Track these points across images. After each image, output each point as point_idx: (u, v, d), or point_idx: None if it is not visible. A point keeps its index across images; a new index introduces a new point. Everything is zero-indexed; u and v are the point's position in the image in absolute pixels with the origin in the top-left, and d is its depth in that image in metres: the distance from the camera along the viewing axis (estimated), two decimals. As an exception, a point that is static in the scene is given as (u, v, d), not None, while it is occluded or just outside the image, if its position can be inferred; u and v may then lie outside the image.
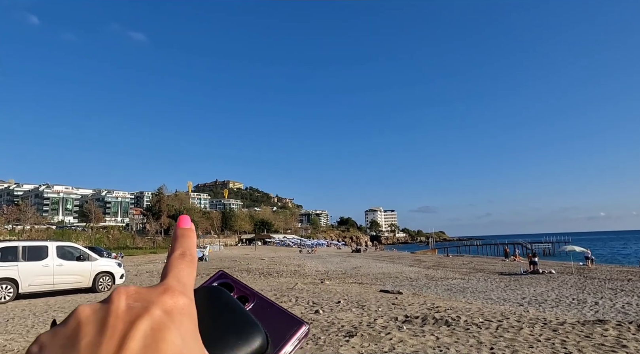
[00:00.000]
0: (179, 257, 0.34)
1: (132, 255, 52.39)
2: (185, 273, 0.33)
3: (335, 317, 7.61)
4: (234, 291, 0.41)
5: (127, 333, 0.24)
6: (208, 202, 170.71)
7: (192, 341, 0.27)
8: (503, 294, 15.76)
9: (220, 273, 0.44)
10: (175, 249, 0.35)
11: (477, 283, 19.88)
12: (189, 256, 0.35)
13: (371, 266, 32.83)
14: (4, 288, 12.16)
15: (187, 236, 0.36)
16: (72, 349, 0.24)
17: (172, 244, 0.36)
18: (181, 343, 0.26)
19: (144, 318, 0.26)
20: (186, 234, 0.37)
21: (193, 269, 0.34)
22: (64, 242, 14.34)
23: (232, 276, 0.43)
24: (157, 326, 0.25)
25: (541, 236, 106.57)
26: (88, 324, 0.25)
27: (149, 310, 0.26)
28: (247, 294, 0.41)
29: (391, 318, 7.44)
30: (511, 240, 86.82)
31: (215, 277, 0.43)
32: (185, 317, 0.28)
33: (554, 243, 73.90)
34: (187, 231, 0.37)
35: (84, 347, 0.24)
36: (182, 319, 0.28)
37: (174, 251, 0.35)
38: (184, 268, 0.33)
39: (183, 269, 0.33)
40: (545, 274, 23.95)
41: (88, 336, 0.24)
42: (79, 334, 0.25)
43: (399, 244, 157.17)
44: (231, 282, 0.42)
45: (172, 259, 0.34)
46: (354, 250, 73.19)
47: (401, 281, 20.76)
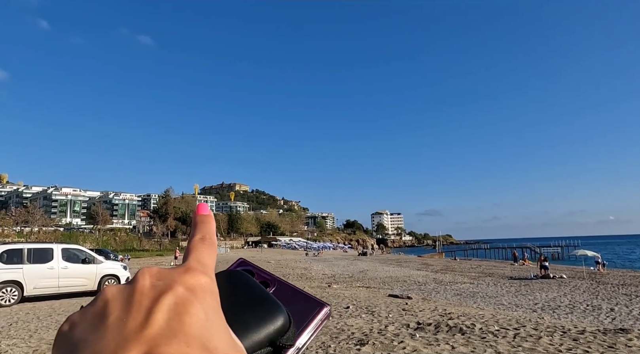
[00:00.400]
0: (199, 241, 0.35)
1: (139, 257, 52.50)
2: (205, 254, 0.33)
3: (345, 323, 7.37)
4: (254, 277, 0.42)
5: (153, 308, 0.25)
6: (214, 205, 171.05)
7: (215, 317, 0.28)
8: (514, 299, 15.43)
9: (241, 260, 0.45)
10: (195, 234, 0.36)
11: (486, 288, 19.54)
12: (209, 240, 0.35)
13: (378, 269, 32.53)
14: (9, 290, 12.05)
15: (206, 222, 0.37)
16: (101, 324, 0.25)
17: (192, 230, 0.37)
18: (204, 317, 0.26)
19: (168, 294, 0.26)
20: (205, 220, 0.37)
21: (213, 252, 0.34)
22: (69, 245, 14.24)
23: (252, 263, 0.45)
24: (181, 301, 0.26)
25: (549, 240, 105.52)
26: (115, 302, 0.26)
27: (173, 287, 0.27)
28: (267, 279, 0.43)
29: (402, 325, 7.19)
30: (519, 244, 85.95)
31: (236, 264, 0.44)
32: (208, 294, 0.29)
33: (563, 247, 73.10)
34: (206, 218, 0.38)
35: (112, 322, 0.25)
36: (204, 296, 0.28)
37: (194, 236, 0.35)
38: (204, 250, 0.34)
39: (203, 251, 0.33)
40: (556, 279, 23.53)
41: (115, 312, 0.25)
42: (106, 311, 0.26)
43: (406, 248, 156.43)
44: (252, 268, 0.44)
45: (192, 243, 0.34)
46: (361, 253, 72.88)
47: (409, 285, 20.46)
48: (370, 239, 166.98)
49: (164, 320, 0.24)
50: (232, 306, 0.34)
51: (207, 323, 0.26)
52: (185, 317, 0.25)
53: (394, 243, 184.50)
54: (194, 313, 0.26)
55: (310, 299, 0.40)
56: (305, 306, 0.39)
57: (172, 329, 0.24)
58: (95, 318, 0.26)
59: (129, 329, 0.24)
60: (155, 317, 0.24)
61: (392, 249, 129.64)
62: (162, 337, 0.23)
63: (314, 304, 0.39)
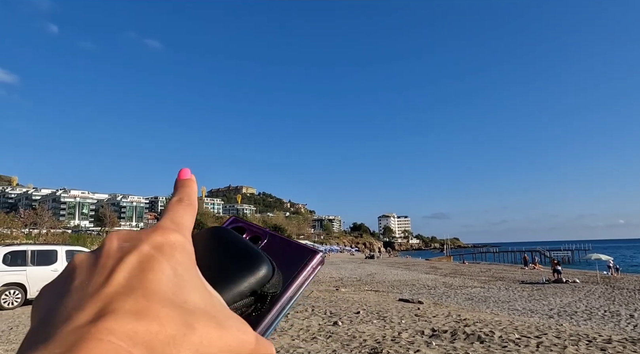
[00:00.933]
0: (175, 202, 0.34)
1: (146, 259, 52.42)
2: (179, 214, 0.33)
3: (356, 329, 7.03)
4: (245, 233, 0.42)
5: (115, 268, 0.25)
6: (221, 208, 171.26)
7: (185, 272, 0.28)
8: (528, 304, 15.00)
9: (233, 218, 0.45)
10: (173, 196, 0.36)
11: (498, 292, 19.10)
12: (186, 201, 0.35)
13: (386, 273, 32.14)
14: (12, 293, 11.82)
15: (185, 186, 0.37)
16: (65, 290, 0.25)
17: (172, 194, 0.37)
18: (171, 273, 0.26)
19: (132, 253, 0.26)
20: (185, 184, 0.37)
21: (190, 212, 0.34)
22: (73, 247, 13.99)
23: (244, 220, 0.44)
24: (145, 258, 0.26)
25: (558, 244, 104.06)
26: (81, 267, 0.27)
27: (138, 247, 0.27)
28: (259, 233, 0.43)
29: (417, 332, 6.85)
30: (528, 247, 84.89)
31: (228, 222, 0.44)
32: (178, 251, 0.28)
33: (574, 251, 71.97)
34: (186, 181, 0.37)
35: (75, 286, 0.25)
36: (172, 252, 0.28)
37: (172, 198, 0.35)
38: (178, 210, 0.33)
39: (177, 211, 0.33)
40: (569, 284, 23.01)
41: (80, 277, 0.26)
42: (72, 276, 0.26)
43: (413, 251, 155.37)
44: (243, 225, 0.44)
45: (168, 205, 0.34)
46: (368, 256, 72.39)
47: (419, 289, 20.07)
48: (377, 242, 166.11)
49: (124, 278, 0.24)
50: (212, 261, 0.34)
51: (175, 279, 0.26)
52: (147, 274, 0.25)
53: (401, 246, 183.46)
54: (158, 269, 0.26)
55: (303, 247, 0.41)
56: (298, 255, 0.39)
57: (131, 286, 0.24)
58: (61, 284, 0.26)
59: (89, 290, 0.24)
60: (115, 276, 0.24)
61: (399, 252, 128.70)
62: (119, 294, 0.23)
63: (306, 252, 0.40)
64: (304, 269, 0.38)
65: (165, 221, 0.31)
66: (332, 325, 7.48)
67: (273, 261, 0.35)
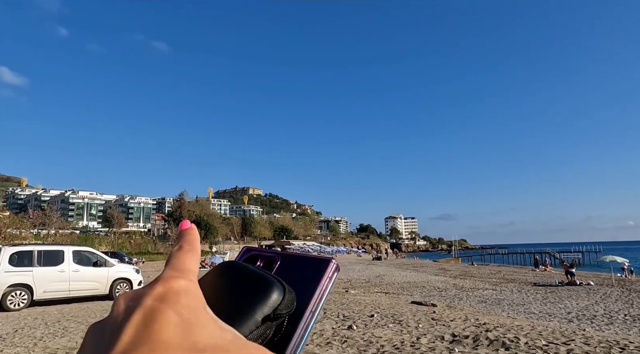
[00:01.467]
0: (176, 250, 0.36)
1: (154, 260, 52.50)
2: (181, 260, 0.34)
3: (372, 334, 6.72)
4: (258, 260, 0.44)
5: (121, 330, 0.25)
6: (228, 209, 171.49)
7: (192, 314, 0.28)
8: (544, 307, 14.57)
9: (245, 248, 0.46)
10: (175, 245, 0.37)
11: (511, 295, 18.66)
12: (187, 247, 0.36)
13: (395, 274, 31.75)
14: (18, 294, 11.62)
15: (185, 234, 0.38)
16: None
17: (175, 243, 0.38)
18: (177, 319, 0.26)
19: (137, 311, 0.26)
20: (184, 233, 0.39)
21: (192, 256, 0.35)
22: (80, 247, 13.80)
23: (256, 248, 0.46)
24: (149, 313, 0.26)
25: (567, 245, 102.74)
26: (92, 336, 0.27)
27: (142, 303, 0.27)
28: (271, 257, 0.44)
29: (436, 337, 6.52)
30: (538, 249, 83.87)
31: (241, 254, 0.46)
32: (182, 296, 0.29)
33: (584, 253, 70.97)
34: (185, 231, 0.39)
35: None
36: (177, 298, 0.28)
37: (173, 247, 0.37)
38: (180, 256, 0.34)
39: (179, 258, 0.34)
40: (583, 286, 22.48)
41: (90, 346, 0.26)
42: (84, 347, 0.26)
43: (420, 252, 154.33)
44: (255, 253, 0.45)
45: (170, 254, 0.35)
46: (375, 257, 71.93)
47: (429, 291, 19.69)
48: (384, 243, 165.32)
49: (130, 337, 0.24)
50: (224, 297, 0.34)
51: (182, 323, 0.26)
52: (152, 326, 0.25)
53: (408, 248, 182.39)
54: (162, 319, 0.26)
55: (315, 259, 0.42)
56: (313, 267, 0.40)
57: (137, 343, 0.24)
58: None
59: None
60: (122, 338, 0.24)
61: (406, 253, 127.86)
62: (124, 352, 0.23)
63: (320, 262, 0.41)
64: (321, 280, 0.39)
65: (167, 271, 0.32)
66: (346, 329, 7.17)
67: (283, 282, 0.36)
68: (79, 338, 7.29)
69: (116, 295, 13.61)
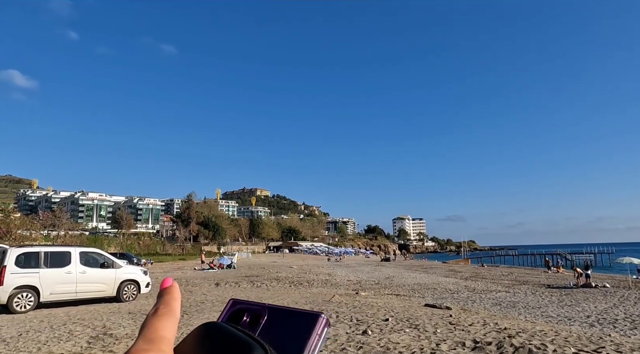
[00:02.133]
0: (151, 315, 0.35)
1: (162, 261, 52.46)
2: (153, 328, 0.33)
3: (389, 340, 6.39)
4: (245, 314, 0.42)
5: None
6: (236, 210, 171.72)
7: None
8: (561, 310, 14.12)
9: (231, 301, 0.45)
10: (152, 309, 0.36)
11: (525, 297, 18.20)
12: (163, 309, 0.35)
13: (404, 275, 31.32)
14: (25, 296, 11.41)
15: (165, 294, 0.38)
16: None
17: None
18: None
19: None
20: (165, 292, 0.38)
21: (167, 320, 0.34)
22: (87, 248, 13.60)
23: (243, 301, 0.45)
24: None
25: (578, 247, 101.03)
26: None
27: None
28: (258, 311, 0.42)
29: (456, 343, 6.18)
30: (548, 250, 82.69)
31: (227, 308, 0.44)
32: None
33: (596, 254, 69.74)
34: (165, 290, 0.39)
35: None
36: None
37: (150, 312, 0.36)
38: (154, 324, 0.33)
39: (152, 324, 0.33)
40: (599, 288, 21.91)
41: None
42: None
43: (428, 253, 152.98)
44: (242, 307, 0.44)
45: (145, 320, 0.34)
46: (383, 259, 71.37)
47: (441, 294, 19.28)
48: (392, 244, 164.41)
49: None
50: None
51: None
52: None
53: (416, 249, 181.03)
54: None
55: (302, 314, 0.40)
56: (301, 322, 0.39)
57: None
58: None
59: None
60: None
61: (414, 254, 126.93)
62: None
63: (307, 318, 0.39)
64: (309, 338, 0.37)
65: (139, 344, 0.30)
66: (361, 334, 6.85)
67: (267, 346, 0.34)
68: (84, 342, 7.06)
69: (124, 297, 13.45)
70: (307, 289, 19.54)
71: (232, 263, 37.11)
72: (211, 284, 21.38)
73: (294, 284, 22.28)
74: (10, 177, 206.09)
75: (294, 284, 21.94)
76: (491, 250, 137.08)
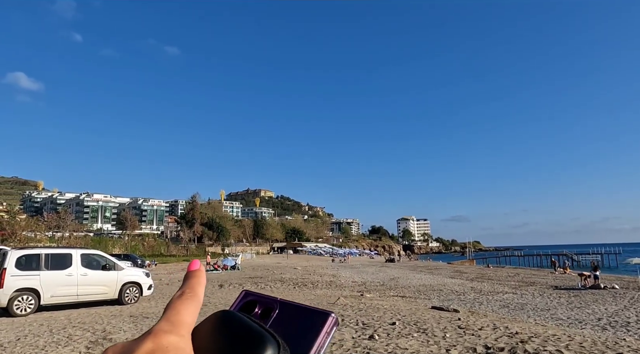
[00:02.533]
0: (177, 297, 0.35)
1: (166, 262, 52.42)
2: (177, 310, 0.33)
3: (397, 346, 6.17)
4: (257, 306, 0.43)
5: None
6: (240, 211, 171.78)
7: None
8: (571, 313, 13.81)
9: (244, 292, 0.46)
10: (178, 290, 0.37)
11: (533, 299, 17.87)
12: (188, 294, 0.35)
13: (409, 277, 31.01)
14: (25, 299, 11.25)
15: (192, 277, 0.38)
16: None
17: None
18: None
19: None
20: (191, 275, 0.38)
21: (191, 305, 0.34)
22: (89, 250, 13.44)
23: (255, 293, 0.45)
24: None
25: (584, 247, 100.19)
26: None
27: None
28: (270, 304, 0.43)
29: (467, 349, 5.94)
30: (554, 251, 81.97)
31: (240, 298, 0.45)
32: (171, 353, 0.28)
33: (603, 254, 69.03)
34: (192, 273, 0.39)
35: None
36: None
37: (175, 294, 0.36)
38: (177, 306, 0.34)
39: (176, 307, 0.33)
40: (608, 290, 21.54)
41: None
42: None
43: (433, 254, 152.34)
44: (254, 298, 0.44)
45: (170, 301, 0.35)
46: (388, 260, 70.96)
47: (447, 295, 19.00)
48: (396, 245, 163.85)
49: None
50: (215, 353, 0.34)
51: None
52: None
53: (421, 249, 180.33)
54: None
55: (313, 311, 0.41)
56: (311, 320, 0.40)
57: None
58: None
59: None
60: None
61: (418, 255, 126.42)
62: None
63: (318, 315, 0.40)
64: (319, 335, 0.38)
65: (161, 324, 0.31)
66: (367, 339, 6.62)
67: (279, 338, 0.35)
68: (83, 347, 6.88)
69: (126, 299, 13.28)
70: (311, 290, 19.33)
71: (236, 264, 36.96)
72: (215, 286, 21.20)
73: (298, 285, 22.07)
74: (16, 179, 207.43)
75: (298, 286, 21.73)
76: (496, 251, 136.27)
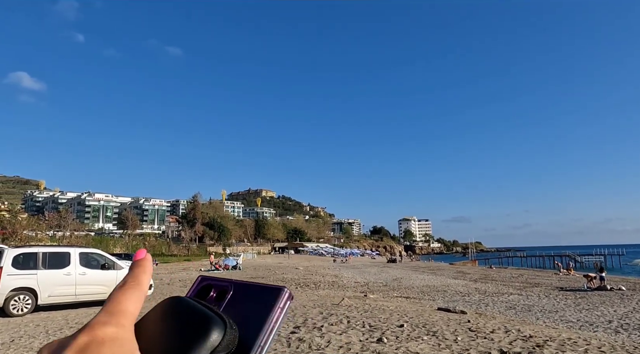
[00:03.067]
0: (118, 288, 0.34)
1: (167, 262, 52.14)
2: (118, 301, 0.32)
3: (407, 349, 5.88)
4: (212, 290, 0.43)
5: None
6: (241, 211, 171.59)
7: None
8: (579, 315, 13.51)
9: (200, 278, 0.46)
10: (121, 281, 0.35)
11: (540, 300, 17.56)
12: (131, 283, 0.34)
13: (412, 277, 30.71)
14: (22, 299, 10.95)
15: (136, 266, 0.37)
16: None
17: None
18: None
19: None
20: (136, 264, 0.37)
21: (133, 294, 0.33)
22: (87, 249, 13.13)
23: (211, 277, 0.45)
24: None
25: (586, 248, 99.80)
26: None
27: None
28: (225, 287, 0.43)
29: (481, 353, 5.65)
30: (556, 252, 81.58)
31: (196, 284, 0.45)
32: (107, 346, 0.27)
33: (607, 256, 68.63)
34: (137, 262, 0.37)
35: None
36: (100, 349, 0.27)
37: (118, 284, 0.35)
38: (118, 297, 0.33)
39: (117, 297, 0.32)
40: (614, 291, 21.21)
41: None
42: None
43: (434, 255, 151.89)
44: (209, 283, 0.44)
45: (111, 293, 0.34)
46: (389, 260, 70.63)
47: (452, 296, 18.70)
48: (397, 245, 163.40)
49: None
50: (163, 339, 0.33)
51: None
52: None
53: (422, 250, 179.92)
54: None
55: (266, 288, 0.41)
56: (265, 297, 0.40)
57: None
58: None
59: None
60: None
61: (420, 256, 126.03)
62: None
63: (271, 292, 0.40)
64: (271, 311, 0.38)
65: (99, 316, 0.30)
66: (376, 342, 6.34)
67: (226, 318, 0.35)
68: (79, 349, 6.60)
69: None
70: (314, 291, 19.03)
71: (237, 264, 36.71)
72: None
73: (300, 286, 21.79)
74: (18, 179, 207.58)
75: (300, 286, 21.45)
76: (498, 251, 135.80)
